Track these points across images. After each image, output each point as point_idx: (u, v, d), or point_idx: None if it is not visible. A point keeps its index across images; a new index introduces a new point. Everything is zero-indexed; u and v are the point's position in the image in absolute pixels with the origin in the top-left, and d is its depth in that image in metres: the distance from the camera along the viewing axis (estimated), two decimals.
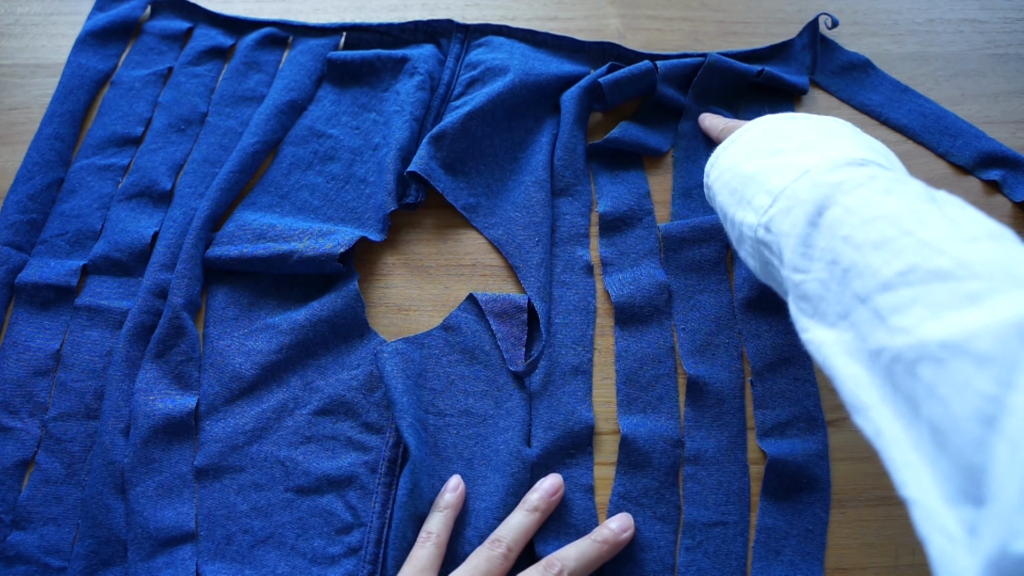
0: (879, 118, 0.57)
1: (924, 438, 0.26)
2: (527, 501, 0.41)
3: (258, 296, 0.49)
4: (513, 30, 0.59)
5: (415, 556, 0.39)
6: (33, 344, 0.48)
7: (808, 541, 0.42)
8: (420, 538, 0.40)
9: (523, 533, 0.40)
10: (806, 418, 0.45)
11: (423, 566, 0.38)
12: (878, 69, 0.59)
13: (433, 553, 0.39)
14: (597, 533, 0.41)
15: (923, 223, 0.29)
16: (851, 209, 0.32)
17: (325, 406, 0.46)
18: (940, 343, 0.25)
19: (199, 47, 0.60)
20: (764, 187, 0.37)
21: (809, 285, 0.33)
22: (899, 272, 0.28)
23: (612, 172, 0.55)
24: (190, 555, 0.42)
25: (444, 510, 0.41)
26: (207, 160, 0.54)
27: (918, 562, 0.42)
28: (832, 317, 0.32)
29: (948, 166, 0.55)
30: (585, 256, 0.51)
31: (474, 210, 0.53)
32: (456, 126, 0.52)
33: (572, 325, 0.49)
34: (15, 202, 0.52)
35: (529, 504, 0.41)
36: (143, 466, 0.43)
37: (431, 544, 0.39)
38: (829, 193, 0.33)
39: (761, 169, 0.39)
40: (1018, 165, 0.54)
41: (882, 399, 0.28)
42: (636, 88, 0.56)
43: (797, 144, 0.39)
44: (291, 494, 0.44)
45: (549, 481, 0.42)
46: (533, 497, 0.41)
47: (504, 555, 0.39)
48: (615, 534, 0.41)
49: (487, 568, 0.38)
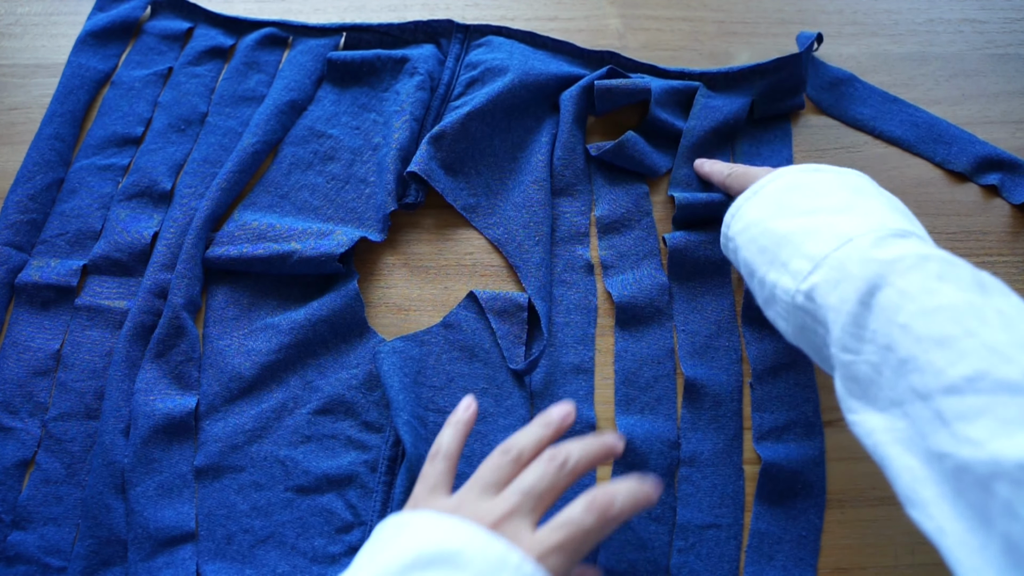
0: (872, 132, 0.57)
1: (997, 551, 0.27)
2: (540, 417, 0.39)
3: (258, 296, 0.50)
4: (513, 32, 0.59)
5: (425, 474, 0.38)
6: (33, 344, 0.48)
7: (801, 547, 0.42)
8: (430, 455, 0.39)
9: (535, 443, 0.38)
10: (804, 423, 0.45)
11: (435, 483, 0.37)
12: (864, 82, 0.59)
13: (442, 468, 0.38)
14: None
15: (984, 323, 0.30)
16: (907, 295, 0.32)
17: (325, 405, 0.46)
18: (1019, 464, 0.26)
19: (199, 47, 0.60)
20: (801, 250, 0.37)
21: (860, 367, 0.34)
22: (966, 377, 0.29)
23: (609, 174, 0.54)
24: (190, 555, 0.42)
25: (455, 426, 0.40)
26: (207, 160, 0.54)
27: (918, 562, 0.42)
28: (884, 403, 0.32)
29: (945, 173, 0.55)
30: (585, 255, 0.51)
31: (474, 210, 0.53)
32: (456, 126, 0.52)
33: (573, 324, 0.49)
34: (15, 202, 0.52)
35: (542, 420, 0.39)
36: (143, 466, 0.43)
37: (440, 459, 0.38)
38: (881, 272, 0.34)
39: (795, 229, 0.39)
40: (1015, 167, 0.54)
41: (941, 497, 0.29)
42: (627, 100, 0.56)
43: (829, 204, 0.39)
44: (291, 493, 0.44)
45: (562, 405, 0.40)
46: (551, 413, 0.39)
47: (514, 460, 0.37)
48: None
49: (496, 478, 0.37)
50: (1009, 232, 0.52)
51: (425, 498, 0.37)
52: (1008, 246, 0.52)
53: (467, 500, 0.36)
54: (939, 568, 0.42)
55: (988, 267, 0.51)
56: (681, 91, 0.56)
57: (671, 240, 0.50)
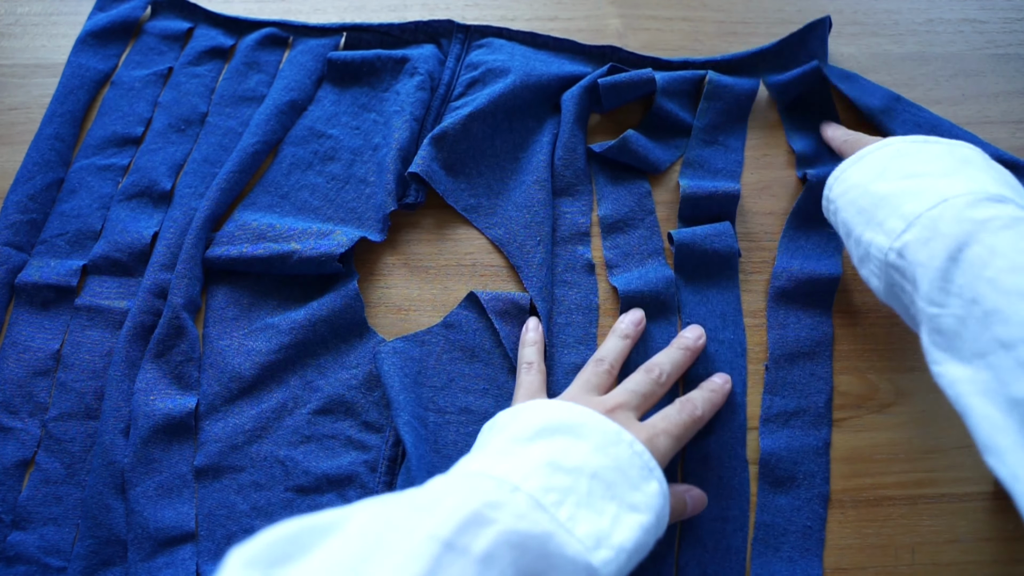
0: (879, 127, 0.56)
1: None
2: (617, 329, 0.46)
3: (258, 296, 0.50)
4: (513, 32, 0.59)
5: (524, 382, 0.44)
6: (33, 344, 0.48)
7: (807, 537, 0.43)
8: (522, 368, 0.45)
9: (620, 354, 0.45)
10: (813, 413, 0.45)
11: (536, 388, 0.43)
12: (867, 80, 0.58)
13: (540, 379, 0.44)
14: (678, 341, 0.45)
15: None
16: (996, 251, 0.33)
17: (325, 405, 0.46)
18: None
19: (199, 47, 0.60)
20: (898, 211, 0.38)
21: (945, 320, 0.34)
22: None
23: (612, 173, 0.54)
24: (190, 555, 0.42)
25: (534, 344, 0.46)
26: (207, 160, 0.54)
27: (918, 562, 0.42)
28: (968, 354, 0.33)
29: None
30: (587, 255, 0.51)
31: (475, 210, 0.53)
32: (457, 127, 0.52)
33: (575, 324, 0.49)
34: (15, 202, 0.52)
35: (619, 331, 0.46)
36: (143, 466, 0.43)
37: (535, 371, 0.44)
38: (972, 230, 0.34)
39: (894, 191, 0.39)
40: (1016, 169, 0.54)
41: (1019, 445, 0.29)
42: (633, 94, 0.56)
43: (932, 169, 0.39)
44: (291, 493, 0.44)
45: (633, 312, 0.47)
46: (622, 325, 0.46)
47: (608, 371, 0.43)
48: (692, 340, 0.45)
49: (596, 382, 0.43)
50: None
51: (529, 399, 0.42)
52: None
53: (577, 396, 0.42)
54: (939, 568, 0.42)
55: None
56: (687, 80, 0.57)
57: (678, 236, 0.50)
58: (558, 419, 0.37)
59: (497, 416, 0.39)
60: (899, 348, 0.48)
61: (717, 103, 0.56)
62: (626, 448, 0.36)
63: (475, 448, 0.39)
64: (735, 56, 0.58)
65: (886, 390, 0.47)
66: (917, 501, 0.44)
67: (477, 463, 0.35)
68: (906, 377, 0.47)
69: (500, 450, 0.36)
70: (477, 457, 0.36)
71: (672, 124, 0.56)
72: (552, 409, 0.38)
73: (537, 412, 0.38)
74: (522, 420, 0.37)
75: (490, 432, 0.39)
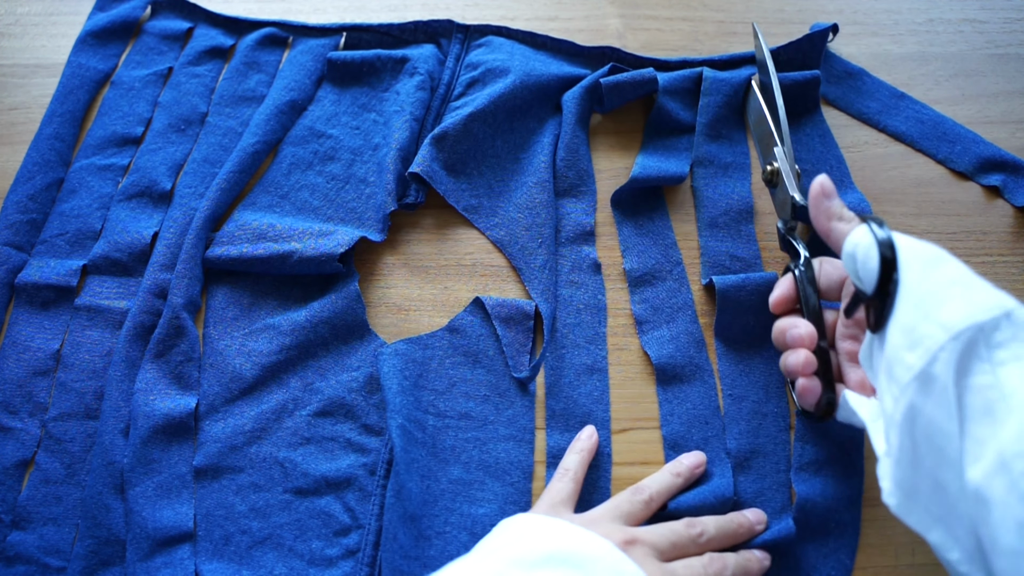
0: (877, 126, 0.57)
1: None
2: (672, 466, 0.43)
3: (258, 296, 0.49)
4: (513, 32, 0.59)
5: (553, 489, 0.40)
6: (33, 344, 0.48)
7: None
8: (558, 474, 0.42)
9: (666, 490, 0.41)
10: (844, 462, 0.44)
11: (561, 499, 0.40)
12: (873, 77, 0.59)
13: (571, 488, 0.41)
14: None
15: None
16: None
17: (324, 407, 0.46)
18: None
19: (199, 47, 0.60)
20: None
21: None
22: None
23: (636, 222, 0.53)
24: (188, 555, 0.42)
25: (580, 452, 0.43)
26: (207, 160, 0.54)
27: (918, 562, 0.42)
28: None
29: (948, 172, 0.55)
30: (592, 255, 0.51)
31: (476, 211, 0.53)
32: (458, 127, 0.52)
33: (584, 324, 0.48)
34: (15, 202, 0.52)
35: (674, 469, 0.43)
36: (142, 466, 0.43)
37: (569, 479, 0.41)
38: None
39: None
40: (1018, 169, 0.54)
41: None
42: (635, 93, 0.56)
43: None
44: (290, 495, 0.44)
45: (694, 456, 0.44)
46: (679, 466, 0.43)
47: (646, 502, 0.40)
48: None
49: (628, 510, 0.39)
50: (1010, 232, 0.52)
51: (551, 509, 0.39)
52: (1008, 246, 0.52)
53: (600, 520, 0.38)
54: (939, 568, 0.42)
55: (988, 267, 0.51)
56: (686, 78, 0.57)
57: (719, 284, 0.48)
58: (569, 548, 0.34)
59: (514, 519, 0.37)
60: None
61: (716, 97, 0.56)
62: None
63: (479, 547, 0.36)
64: (733, 56, 0.58)
65: None
66: None
67: None
68: None
69: (497, 572, 0.33)
70: (474, 567, 0.34)
71: (675, 123, 0.56)
72: (566, 534, 0.35)
73: (549, 534, 0.35)
74: (531, 539, 0.35)
75: (501, 536, 0.36)
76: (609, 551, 0.34)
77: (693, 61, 0.58)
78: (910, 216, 0.53)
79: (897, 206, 0.53)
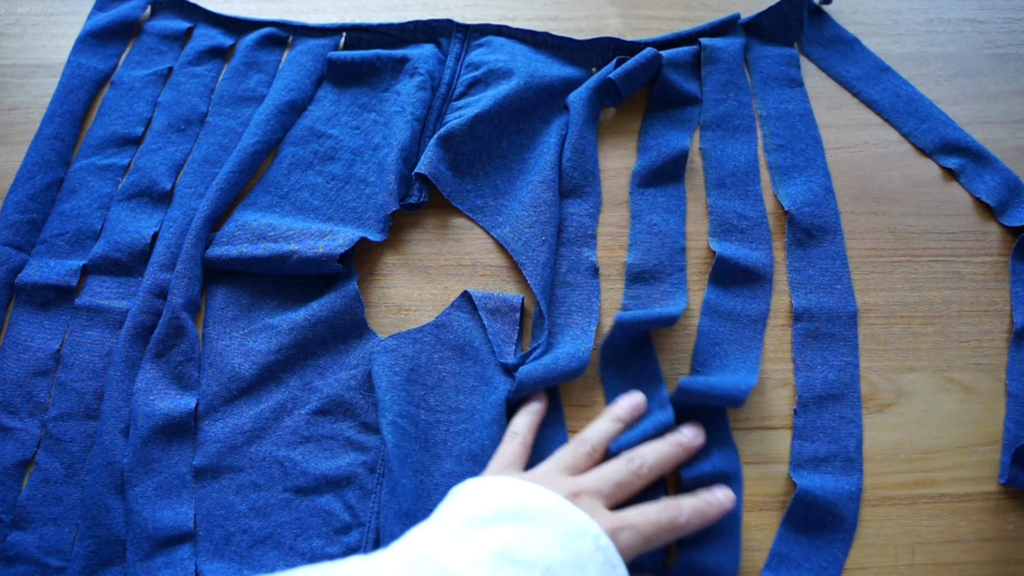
0: (852, 90, 0.59)
1: None
2: (611, 410, 0.43)
3: (258, 296, 0.50)
4: (513, 30, 0.59)
5: (502, 452, 0.41)
6: (33, 344, 0.48)
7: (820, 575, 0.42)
8: (507, 437, 0.42)
9: (607, 436, 0.42)
10: (844, 458, 0.44)
11: (511, 460, 0.41)
12: (864, 47, 0.61)
13: (520, 451, 0.41)
14: (673, 436, 0.42)
15: None
16: None
17: (324, 406, 0.46)
18: None
19: (199, 47, 0.60)
20: None
21: None
22: None
23: (649, 220, 0.53)
24: (188, 555, 0.42)
25: (529, 415, 0.43)
26: (207, 160, 0.54)
27: (918, 562, 0.42)
28: None
29: (911, 147, 0.56)
30: (591, 258, 0.51)
31: (480, 211, 0.53)
32: (464, 128, 0.52)
33: (575, 325, 0.48)
34: (15, 202, 0.52)
35: (612, 414, 0.43)
36: (142, 466, 0.43)
37: (518, 443, 0.42)
38: None
39: None
40: (980, 158, 0.54)
41: None
42: (646, 76, 0.57)
43: None
44: (290, 494, 0.44)
45: (630, 397, 0.44)
46: (617, 408, 0.43)
47: (589, 453, 0.41)
48: (689, 439, 0.42)
49: (573, 463, 0.40)
50: (1010, 232, 0.52)
51: (502, 471, 0.40)
52: (1008, 246, 0.52)
53: (547, 475, 0.39)
54: (939, 568, 0.42)
55: (988, 267, 0.51)
56: (685, 52, 0.59)
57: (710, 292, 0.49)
58: (521, 503, 0.35)
59: (465, 484, 0.38)
60: (899, 348, 0.48)
61: (718, 64, 0.58)
62: (589, 542, 0.34)
63: (436, 514, 0.37)
64: (722, 20, 0.60)
65: (886, 390, 0.47)
66: (917, 501, 0.44)
67: (429, 541, 0.33)
68: (906, 377, 0.47)
69: (454, 531, 0.34)
70: (432, 531, 0.34)
71: (678, 95, 0.57)
72: (517, 490, 0.36)
73: (500, 492, 0.36)
74: (483, 499, 0.35)
75: (454, 500, 0.37)
76: (559, 503, 0.35)
77: (684, 33, 0.60)
78: (910, 216, 0.53)
79: (897, 206, 0.53)
